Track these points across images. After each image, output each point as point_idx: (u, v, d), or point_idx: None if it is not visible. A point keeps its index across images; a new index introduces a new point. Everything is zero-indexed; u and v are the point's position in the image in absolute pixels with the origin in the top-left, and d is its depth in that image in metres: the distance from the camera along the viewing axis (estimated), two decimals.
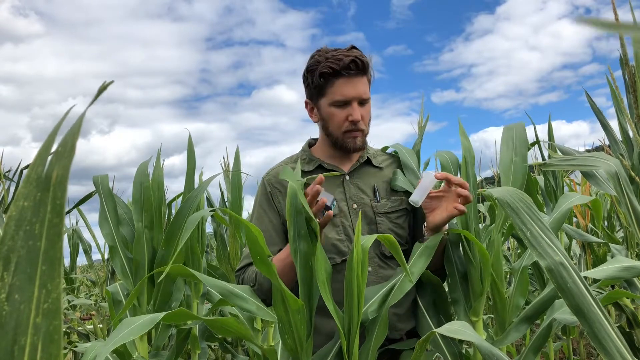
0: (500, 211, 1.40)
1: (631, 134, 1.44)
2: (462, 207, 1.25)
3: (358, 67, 1.38)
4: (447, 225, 1.35)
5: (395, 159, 1.58)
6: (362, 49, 1.46)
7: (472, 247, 1.35)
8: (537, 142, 2.49)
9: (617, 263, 1.27)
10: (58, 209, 0.32)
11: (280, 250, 1.40)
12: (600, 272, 1.26)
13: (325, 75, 1.40)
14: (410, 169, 1.51)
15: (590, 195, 2.64)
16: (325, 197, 1.20)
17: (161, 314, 1.05)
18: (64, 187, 0.32)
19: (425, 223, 1.35)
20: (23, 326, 0.30)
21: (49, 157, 0.33)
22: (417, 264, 1.23)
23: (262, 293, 1.29)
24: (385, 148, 1.66)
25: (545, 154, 2.75)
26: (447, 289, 1.41)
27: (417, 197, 1.25)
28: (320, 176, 1.18)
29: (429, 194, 1.28)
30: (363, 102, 1.42)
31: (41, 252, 0.31)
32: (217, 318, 1.09)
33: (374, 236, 1.15)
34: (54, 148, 0.34)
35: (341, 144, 1.45)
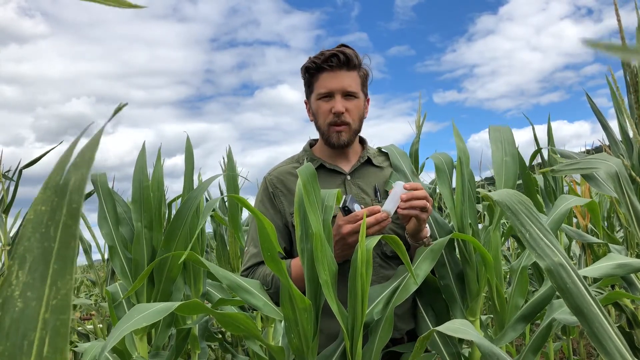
0: (497, 209, 1.40)
1: (631, 134, 1.44)
2: (414, 212, 1.27)
3: (340, 60, 1.40)
4: (428, 231, 1.38)
5: None
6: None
7: (469, 247, 1.35)
8: (539, 149, 2.50)
9: (612, 260, 1.27)
10: (74, 212, 0.34)
11: (284, 249, 1.44)
12: (595, 270, 1.26)
13: (310, 71, 1.44)
14: (400, 171, 1.52)
15: (590, 196, 2.64)
16: (356, 206, 1.27)
17: (175, 304, 1.05)
18: (81, 192, 0.35)
19: (406, 232, 1.38)
20: (33, 322, 0.31)
21: (67, 167, 0.36)
22: (422, 266, 1.24)
23: (277, 296, 1.29)
24: (379, 149, 1.66)
25: (545, 155, 2.76)
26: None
27: (388, 207, 1.27)
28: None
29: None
30: (348, 95, 1.43)
31: (54, 252, 0.33)
32: (227, 312, 1.08)
33: (379, 237, 1.15)
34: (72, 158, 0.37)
35: (326, 138, 1.47)
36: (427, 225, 1.38)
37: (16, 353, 0.31)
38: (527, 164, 2.46)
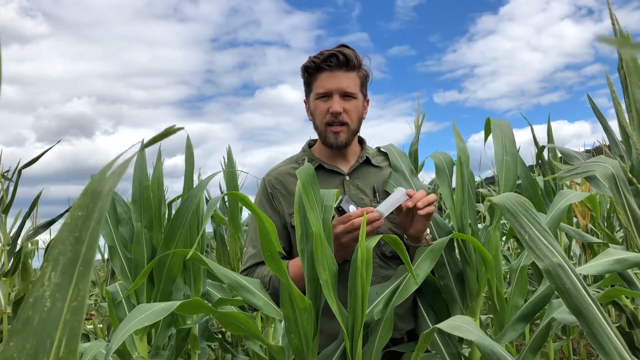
0: (497, 209, 1.40)
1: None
2: (424, 211, 1.28)
3: (339, 60, 1.40)
4: (428, 231, 1.39)
5: None
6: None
7: (468, 247, 1.35)
8: (543, 147, 2.50)
9: (609, 256, 1.26)
10: (100, 216, 0.36)
11: (283, 249, 1.42)
12: (593, 267, 1.25)
13: (309, 70, 1.44)
14: (400, 171, 1.52)
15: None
16: (351, 207, 1.27)
17: (177, 303, 1.05)
18: (109, 198, 0.36)
19: (406, 235, 1.37)
20: (57, 322, 0.33)
21: (107, 174, 0.37)
22: (422, 266, 1.24)
23: (276, 297, 1.30)
24: (378, 149, 1.66)
25: (545, 155, 2.76)
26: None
27: (382, 209, 1.28)
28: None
29: (400, 207, 1.31)
30: (347, 95, 1.43)
31: (81, 255, 0.34)
32: (228, 312, 1.08)
33: (379, 236, 1.15)
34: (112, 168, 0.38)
35: (324, 138, 1.47)
36: None
37: (39, 352, 0.32)
38: (534, 162, 2.47)
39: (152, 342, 1.99)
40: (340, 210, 1.26)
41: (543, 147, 2.53)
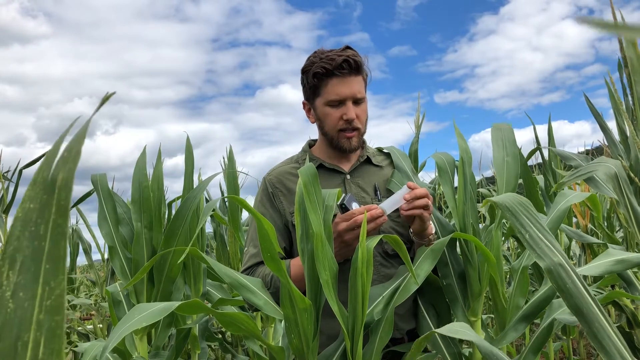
0: (498, 209, 1.41)
1: (629, 134, 1.44)
2: (418, 212, 1.28)
3: (351, 66, 1.39)
4: (433, 228, 1.39)
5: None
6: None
7: (470, 247, 1.35)
8: (537, 147, 2.50)
9: (611, 257, 1.26)
10: (62, 210, 0.33)
11: (284, 248, 1.43)
12: (595, 267, 1.25)
13: (319, 76, 1.41)
14: (403, 171, 1.52)
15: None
16: (354, 205, 1.27)
17: (175, 303, 1.05)
18: (68, 189, 0.34)
19: (411, 229, 1.38)
20: (27, 323, 0.31)
21: (55, 161, 0.35)
22: (423, 266, 1.24)
23: (278, 296, 1.30)
24: (380, 149, 1.66)
25: (546, 155, 2.76)
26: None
27: (385, 206, 1.28)
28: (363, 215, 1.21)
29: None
30: (358, 101, 1.43)
31: (45, 252, 0.32)
32: (228, 312, 1.08)
33: (379, 236, 1.15)
34: (60, 153, 0.36)
35: (336, 143, 1.46)
36: (431, 222, 1.38)
37: (10, 355, 0.30)
38: (534, 162, 2.48)
39: (152, 342, 1.99)
40: (344, 208, 1.26)
41: (535, 149, 2.54)
